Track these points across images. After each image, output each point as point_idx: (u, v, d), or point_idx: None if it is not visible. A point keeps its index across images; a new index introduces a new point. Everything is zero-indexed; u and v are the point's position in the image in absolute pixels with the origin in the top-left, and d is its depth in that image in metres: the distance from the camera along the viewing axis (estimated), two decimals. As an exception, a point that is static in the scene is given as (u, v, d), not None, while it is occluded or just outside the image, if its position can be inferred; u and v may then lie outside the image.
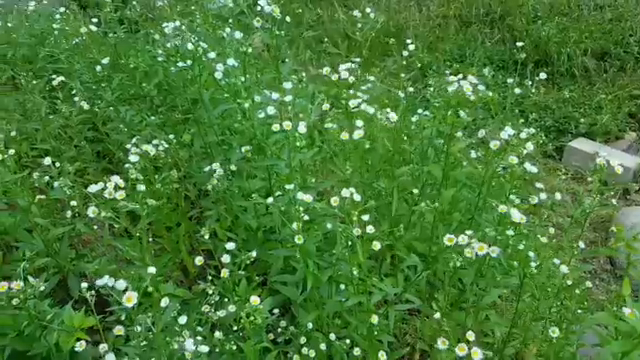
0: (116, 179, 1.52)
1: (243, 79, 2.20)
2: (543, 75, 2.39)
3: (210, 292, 1.65)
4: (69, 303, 2.04)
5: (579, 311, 2.05)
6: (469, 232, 1.64)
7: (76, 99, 2.97)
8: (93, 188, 1.50)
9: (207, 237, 1.92)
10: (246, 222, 2.49)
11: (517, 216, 1.70)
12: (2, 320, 1.92)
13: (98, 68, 2.89)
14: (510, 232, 1.71)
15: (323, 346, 1.94)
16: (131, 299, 1.35)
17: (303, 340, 1.98)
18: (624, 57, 5.44)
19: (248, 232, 2.54)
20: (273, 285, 2.24)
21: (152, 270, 1.45)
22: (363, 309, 1.95)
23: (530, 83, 2.30)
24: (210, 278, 1.72)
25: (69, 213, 2.33)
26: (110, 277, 1.43)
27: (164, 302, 1.55)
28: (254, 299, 1.60)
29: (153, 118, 2.92)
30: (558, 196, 1.97)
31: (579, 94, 5.21)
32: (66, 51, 3.08)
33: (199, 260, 1.77)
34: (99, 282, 1.40)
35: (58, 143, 3.11)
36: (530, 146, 1.75)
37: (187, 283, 2.76)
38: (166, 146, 2.15)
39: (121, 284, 1.36)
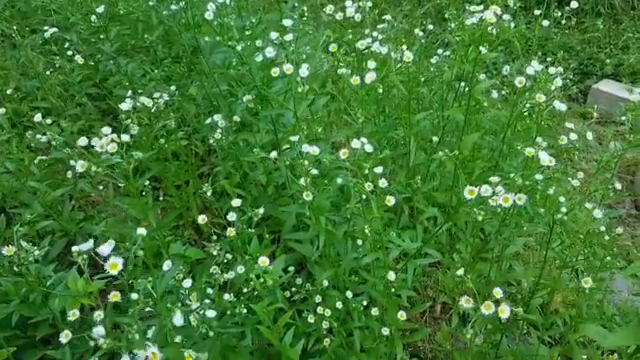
0: (107, 131, 1.38)
1: (234, 18, 2.01)
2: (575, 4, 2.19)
3: (215, 253, 1.54)
4: (74, 267, 1.97)
5: (608, 258, 1.93)
6: (494, 179, 1.49)
7: (70, 52, 2.84)
8: (82, 141, 1.37)
9: (209, 194, 1.80)
10: (256, 178, 2.37)
11: (546, 158, 1.54)
12: (4, 287, 1.85)
13: (93, 18, 2.73)
14: (538, 176, 1.56)
15: (339, 304, 1.85)
16: (116, 266, 1.21)
17: (318, 299, 1.88)
18: (654, -8, 5.14)
19: (258, 189, 2.43)
20: (287, 243, 2.14)
21: (142, 231, 1.31)
22: (381, 265, 1.84)
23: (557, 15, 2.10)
24: (215, 238, 1.60)
25: (69, 174, 2.23)
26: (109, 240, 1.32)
27: (167, 265, 1.44)
28: (263, 260, 1.48)
29: (156, 72, 2.78)
30: (590, 136, 1.82)
31: (605, 33, 4.96)
32: (58, 1, 2.93)
33: (202, 219, 1.66)
34: (82, 247, 1.28)
35: (59, 101, 2.99)
36: (559, 82, 1.58)
37: (201, 242, 2.68)
38: (167, 99, 2.00)
39: (105, 249, 1.22)
